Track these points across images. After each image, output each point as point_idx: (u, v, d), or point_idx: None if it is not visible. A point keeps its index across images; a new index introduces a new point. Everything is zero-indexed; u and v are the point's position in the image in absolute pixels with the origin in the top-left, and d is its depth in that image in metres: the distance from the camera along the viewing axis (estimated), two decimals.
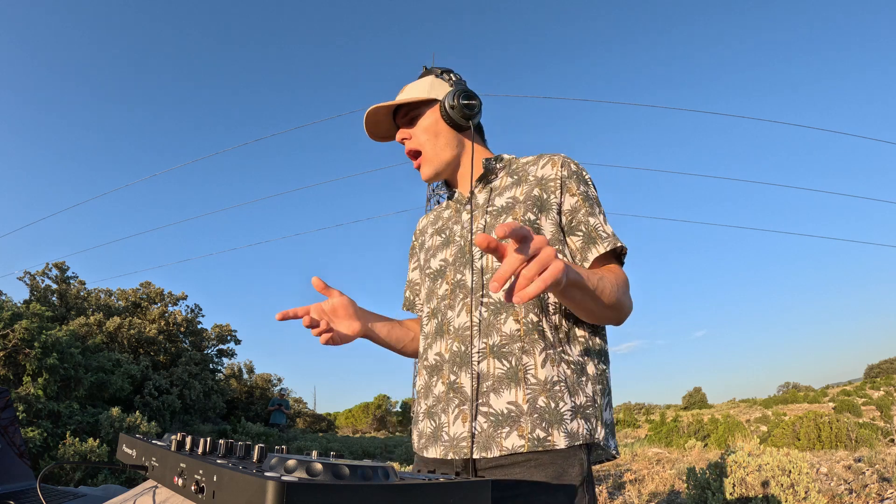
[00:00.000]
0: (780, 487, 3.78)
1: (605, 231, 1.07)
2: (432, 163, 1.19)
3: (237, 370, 18.39)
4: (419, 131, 1.19)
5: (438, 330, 1.12)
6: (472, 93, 1.17)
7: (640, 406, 30.78)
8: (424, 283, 1.23)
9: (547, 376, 0.99)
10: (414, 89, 1.21)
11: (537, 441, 0.96)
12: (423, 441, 1.10)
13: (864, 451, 7.07)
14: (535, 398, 0.98)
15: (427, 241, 1.28)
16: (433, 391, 1.10)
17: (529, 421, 0.97)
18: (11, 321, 7.17)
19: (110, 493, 1.27)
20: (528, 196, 1.10)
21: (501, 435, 0.97)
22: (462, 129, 1.19)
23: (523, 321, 1.03)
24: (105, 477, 5.78)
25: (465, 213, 1.19)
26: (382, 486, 0.54)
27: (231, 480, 0.51)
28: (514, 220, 1.08)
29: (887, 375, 36.02)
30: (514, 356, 1.01)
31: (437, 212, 1.32)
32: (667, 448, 11.27)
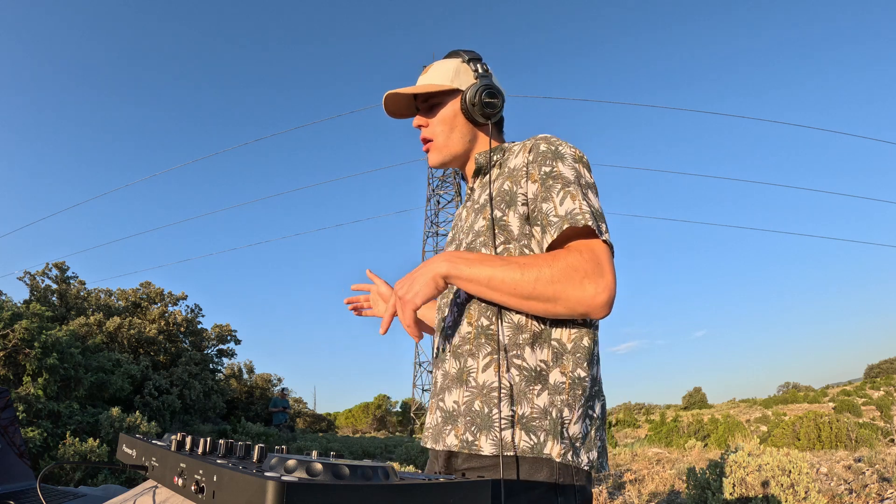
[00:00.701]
0: (780, 487, 3.78)
1: (555, 215, 0.95)
2: (441, 152, 1.17)
3: (237, 370, 18.39)
4: (437, 121, 1.16)
5: (438, 327, 1.17)
6: (497, 89, 1.13)
7: (640, 406, 30.79)
8: None
9: (485, 381, 0.97)
10: (438, 73, 1.16)
11: (465, 444, 0.96)
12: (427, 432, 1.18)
13: (864, 451, 7.07)
14: (471, 401, 0.99)
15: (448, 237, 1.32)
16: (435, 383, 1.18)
17: (463, 423, 0.99)
18: (11, 321, 7.18)
19: (110, 493, 1.27)
20: (499, 191, 1.07)
21: (446, 431, 1.02)
22: (480, 124, 1.16)
23: (475, 324, 1.02)
24: (105, 477, 5.78)
25: (465, 209, 1.21)
26: (382, 486, 0.54)
27: (231, 480, 0.51)
28: (483, 219, 1.07)
29: (887, 375, 36.01)
30: (463, 357, 1.03)
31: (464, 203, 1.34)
32: (667, 448, 11.28)
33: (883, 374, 40.89)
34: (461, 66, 1.16)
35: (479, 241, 1.06)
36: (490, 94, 1.11)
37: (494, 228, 1.04)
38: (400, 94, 1.17)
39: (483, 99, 1.10)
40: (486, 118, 1.13)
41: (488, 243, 1.04)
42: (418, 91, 1.14)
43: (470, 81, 1.15)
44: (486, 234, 1.05)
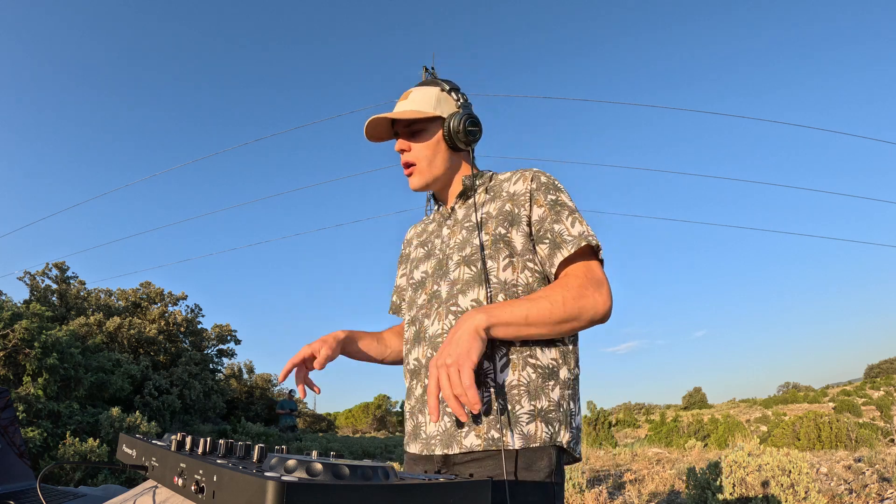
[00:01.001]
0: (780, 487, 3.78)
1: (570, 234, 1.09)
2: (424, 176, 1.23)
3: (237, 370, 18.39)
4: (420, 147, 1.22)
5: (416, 337, 1.19)
6: (477, 118, 1.22)
7: (640, 406, 30.80)
8: (408, 292, 1.29)
9: (505, 380, 1.05)
10: (420, 100, 1.22)
11: (491, 441, 1.01)
12: (407, 437, 1.19)
13: (864, 451, 7.07)
14: (492, 400, 1.04)
15: (413, 252, 1.34)
16: (414, 393, 1.18)
17: (485, 422, 1.03)
18: (11, 321, 7.18)
19: (110, 493, 1.27)
20: (500, 211, 1.16)
21: (462, 434, 1.04)
22: (460, 150, 1.24)
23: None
24: (105, 477, 5.78)
25: (445, 227, 1.25)
26: (382, 486, 0.54)
27: (231, 480, 0.51)
28: (487, 234, 1.15)
29: (887, 375, 36.02)
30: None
31: (424, 223, 1.39)
32: (667, 448, 11.28)
33: (883, 374, 40.90)
34: (442, 95, 1.22)
35: (485, 254, 1.13)
36: (472, 122, 1.20)
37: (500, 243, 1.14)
38: (380, 119, 1.22)
39: (466, 127, 1.19)
40: (467, 145, 1.21)
41: (495, 256, 1.12)
42: (405, 117, 1.20)
43: (451, 110, 1.22)
44: (490, 248, 1.13)
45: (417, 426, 1.15)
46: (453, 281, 1.15)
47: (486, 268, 1.11)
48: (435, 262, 1.22)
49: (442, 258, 1.21)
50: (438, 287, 1.17)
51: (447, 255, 1.19)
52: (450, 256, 1.18)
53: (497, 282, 1.10)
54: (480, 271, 1.12)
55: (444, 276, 1.17)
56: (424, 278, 1.23)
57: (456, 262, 1.16)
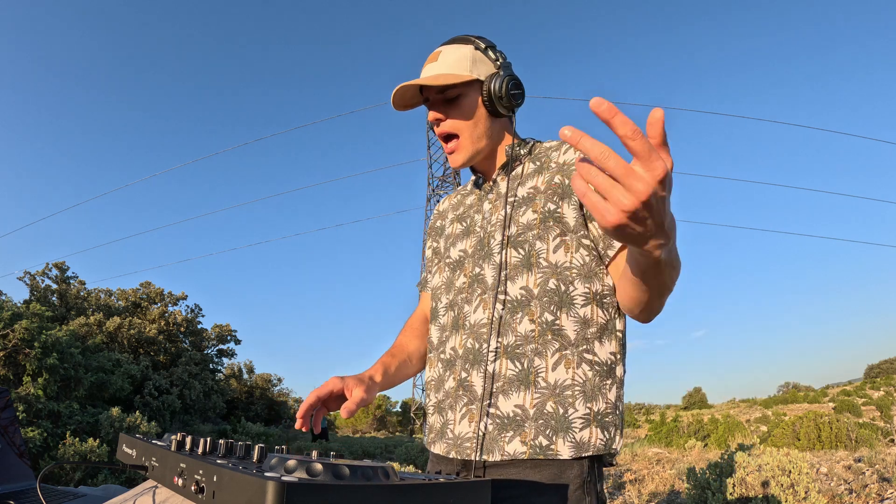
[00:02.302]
0: (780, 487, 3.78)
1: None
2: (468, 151, 1.08)
3: (237, 370, 18.39)
4: (457, 114, 1.06)
5: (455, 324, 1.07)
6: (519, 80, 1.06)
7: (640, 406, 30.80)
8: (443, 272, 1.17)
9: (558, 380, 0.94)
10: (453, 62, 1.06)
11: (539, 449, 0.92)
12: (433, 435, 1.07)
13: (864, 451, 7.07)
14: (542, 403, 0.94)
15: (447, 227, 1.22)
16: (444, 385, 1.06)
17: (534, 427, 0.93)
18: (11, 321, 7.18)
19: (110, 493, 1.27)
20: (549, 185, 1.04)
21: (505, 439, 0.94)
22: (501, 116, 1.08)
23: (538, 321, 0.97)
24: (105, 477, 5.78)
25: (487, 202, 1.12)
26: (382, 486, 0.54)
27: (231, 480, 0.51)
28: (535, 212, 1.03)
29: (887, 375, 36.03)
30: (527, 358, 0.96)
31: (462, 195, 1.25)
32: (667, 448, 11.28)
33: (883, 374, 40.91)
34: (476, 55, 1.07)
35: (532, 234, 1.01)
36: (515, 84, 1.05)
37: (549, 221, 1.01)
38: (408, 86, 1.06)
39: (510, 90, 1.03)
40: (510, 111, 1.06)
41: (544, 236, 1.00)
42: (439, 83, 1.03)
43: (489, 70, 1.06)
44: (539, 227, 1.01)
45: (446, 423, 1.03)
46: (499, 264, 1.03)
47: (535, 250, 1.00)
48: (475, 241, 1.10)
49: (483, 236, 1.09)
50: (481, 270, 1.06)
51: (489, 234, 1.08)
52: (492, 235, 1.07)
53: (547, 265, 0.99)
54: (527, 254, 1.00)
55: (488, 257, 1.06)
56: (463, 258, 1.11)
57: (500, 242, 1.04)
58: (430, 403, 1.09)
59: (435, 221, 1.30)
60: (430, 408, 1.10)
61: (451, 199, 1.28)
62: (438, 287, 1.17)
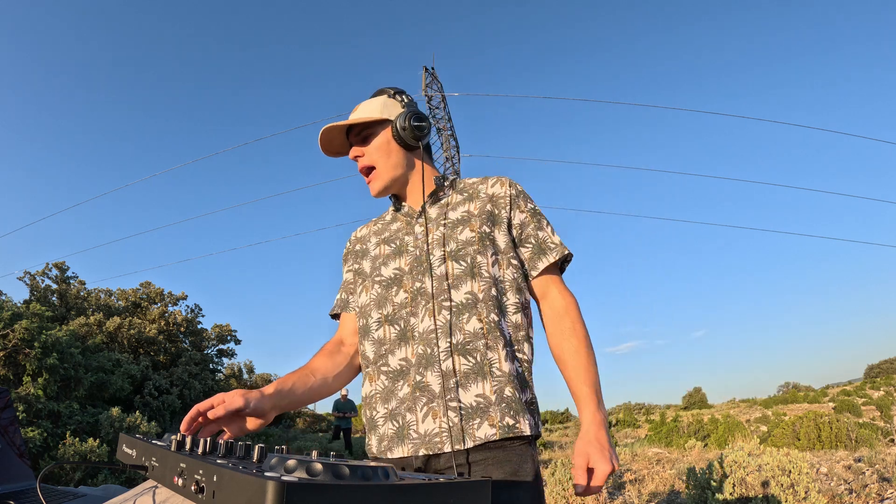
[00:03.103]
0: (780, 487, 3.78)
1: (552, 242, 1.23)
2: (382, 178, 1.25)
3: (237, 370, 18.37)
4: (372, 150, 1.26)
5: (401, 336, 1.15)
6: (423, 115, 1.26)
7: (640, 406, 30.79)
8: (372, 290, 1.25)
9: (509, 370, 1.10)
10: (367, 109, 1.27)
11: (507, 428, 1.04)
12: (386, 443, 1.11)
13: (864, 451, 7.06)
14: (501, 389, 1.07)
15: (372, 250, 1.31)
16: (397, 394, 1.12)
17: (498, 410, 1.05)
18: (11, 321, 7.18)
19: (110, 493, 1.27)
20: (482, 211, 1.22)
21: (473, 426, 1.04)
22: (412, 148, 1.27)
23: (486, 320, 1.11)
24: (105, 477, 5.78)
25: (417, 225, 1.25)
26: (382, 486, 0.54)
27: (231, 480, 0.51)
28: (472, 231, 1.19)
29: (887, 375, 36.03)
30: (479, 352, 1.09)
31: (382, 223, 1.36)
32: (667, 448, 11.27)
33: (883, 374, 40.91)
34: (388, 101, 1.27)
35: (472, 249, 1.17)
36: (417, 118, 1.24)
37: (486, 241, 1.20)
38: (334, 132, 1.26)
39: (412, 123, 1.23)
40: (417, 140, 1.25)
41: (483, 252, 1.17)
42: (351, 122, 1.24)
43: (398, 111, 1.27)
44: (478, 244, 1.18)
45: (404, 426, 1.09)
46: (441, 276, 1.15)
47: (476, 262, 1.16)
48: (411, 259, 1.21)
49: (420, 255, 1.20)
50: (422, 283, 1.16)
51: (426, 252, 1.19)
52: (430, 252, 1.18)
53: (489, 275, 1.15)
54: (470, 266, 1.15)
55: (427, 271, 1.17)
56: (399, 275, 1.21)
57: (440, 257, 1.17)
58: (380, 415, 1.14)
59: (353, 246, 1.40)
60: (378, 420, 1.14)
61: (370, 227, 1.40)
62: (367, 304, 1.25)
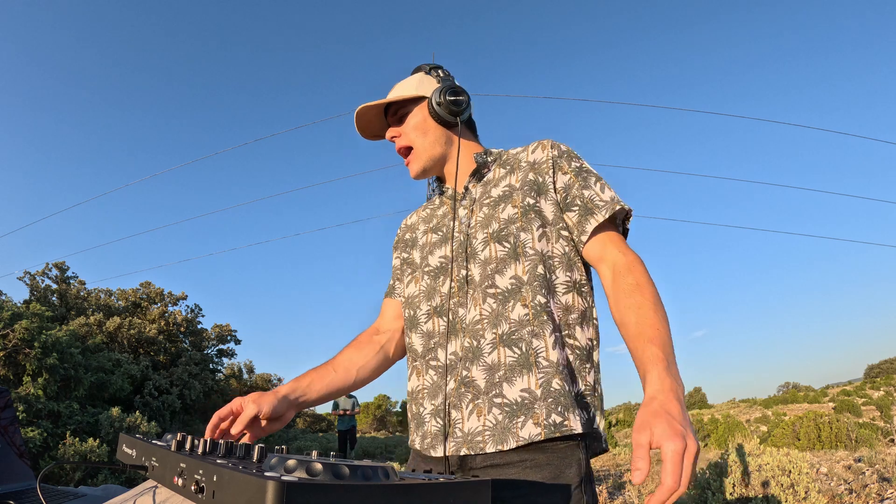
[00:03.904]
0: (780, 487, 3.78)
1: (601, 199, 1.05)
2: (421, 159, 1.19)
3: (237, 370, 18.37)
4: (408, 129, 1.19)
5: (452, 329, 1.08)
6: (460, 88, 1.17)
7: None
8: (422, 280, 1.19)
9: (558, 359, 0.97)
10: (402, 87, 1.21)
11: (554, 427, 0.92)
12: (429, 440, 1.05)
13: (864, 451, 7.06)
14: (548, 381, 0.95)
15: (420, 238, 1.25)
16: (443, 390, 1.06)
17: (544, 406, 0.93)
18: (11, 321, 7.17)
19: (110, 493, 1.27)
20: (524, 182, 1.11)
21: (517, 425, 0.94)
22: (451, 125, 1.19)
23: (531, 304, 1.00)
24: (105, 477, 5.78)
25: (461, 208, 1.18)
26: (382, 486, 0.54)
27: (231, 480, 0.51)
28: (514, 207, 1.09)
29: (887, 375, 36.02)
30: (524, 341, 0.98)
31: (431, 208, 1.29)
32: None
33: (883, 374, 40.92)
34: (423, 77, 1.21)
35: (515, 227, 1.07)
36: (453, 92, 1.16)
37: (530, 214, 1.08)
38: (371, 113, 1.21)
39: (448, 98, 1.15)
40: (454, 115, 1.17)
41: (528, 227, 1.06)
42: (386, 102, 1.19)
43: (433, 87, 1.20)
44: (521, 219, 1.07)
45: (449, 424, 1.02)
46: (485, 261, 1.07)
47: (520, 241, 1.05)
48: (456, 245, 1.13)
49: (464, 240, 1.12)
50: (468, 271, 1.09)
51: (470, 236, 1.12)
52: (474, 236, 1.11)
53: (534, 252, 1.04)
54: (514, 246, 1.05)
55: (473, 257, 1.09)
56: (446, 264, 1.14)
57: (482, 240, 1.09)
58: (427, 411, 1.08)
59: (404, 234, 1.34)
60: (425, 416, 1.08)
61: (419, 213, 1.33)
62: (416, 296, 1.19)
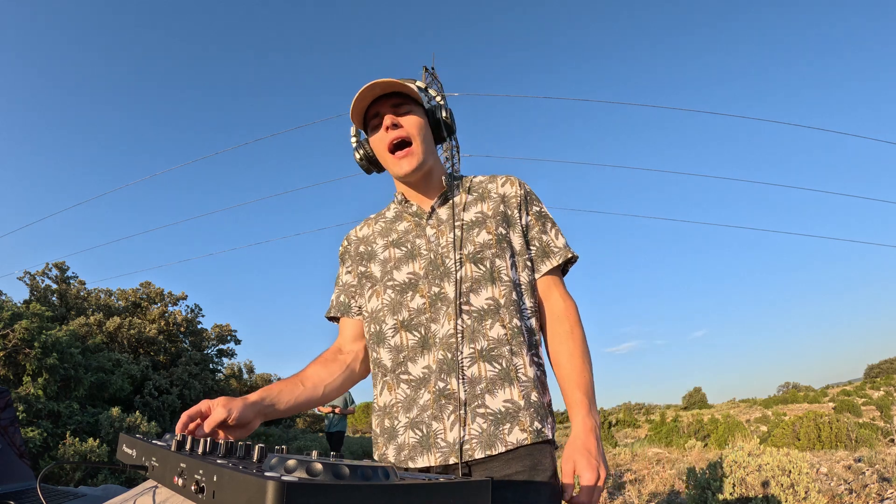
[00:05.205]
0: (780, 487, 3.78)
1: (555, 246, 1.20)
2: (418, 157, 1.16)
3: (237, 370, 18.36)
4: (412, 124, 1.16)
5: (422, 343, 1.10)
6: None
7: (640, 406, 30.79)
8: (384, 294, 1.18)
9: (534, 374, 1.10)
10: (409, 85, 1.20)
11: (537, 433, 1.04)
12: (407, 452, 1.07)
13: (864, 451, 7.06)
14: (528, 394, 1.07)
15: (381, 252, 1.23)
16: (418, 403, 1.07)
17: (528, 415, 1.05)
18: (11, 321, 7.17)
19: (110, 493, 1.27)
20: (496, 212, 1.19)
21: (504, 432, 1.03)
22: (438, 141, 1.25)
23: (509, 326, 1.10)
24: (105, 477, 5.78)
25: (429, 227, 1.18)
26: (382, 486, 0.54)
27: (231, 480, 0.51)
28: (488, 233, 1.16)
29: (887, 375, 36.02)
30: (505, 358, 1.07)
31: (384, 222, 1.27)
32: (667, 448, 11.27)
33: (883, 374, 40.92)
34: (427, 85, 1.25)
35: (491, 252, 1.15)
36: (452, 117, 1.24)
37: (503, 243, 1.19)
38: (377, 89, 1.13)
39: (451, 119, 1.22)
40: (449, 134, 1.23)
41: (502, 255, 1.15)
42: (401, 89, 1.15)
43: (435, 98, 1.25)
44: (496, 246, 1.15)
45: (429, 435, 1.04)
46: (459, 280, 1.11)
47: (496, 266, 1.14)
48: (426, 263, 1.15)
49: (434, 258, 1.15)
50: (441, 288, 1.12)
51: (441, 255, 1.14)
52: (445, 255, 1.14)
53: (508, 280, 1.13)
54: (489, 270, 1.13)
55: (446, 276, 1.12)
56: (414, 280, 1.15)
57: (457, 260, 1.12)
58: (401, 424, 1.09)
59: (357, 247, 1.29)
60: (399, 429, 1.09)
61: (370, 226, 1.29)
62: (379, 310, 1.18)
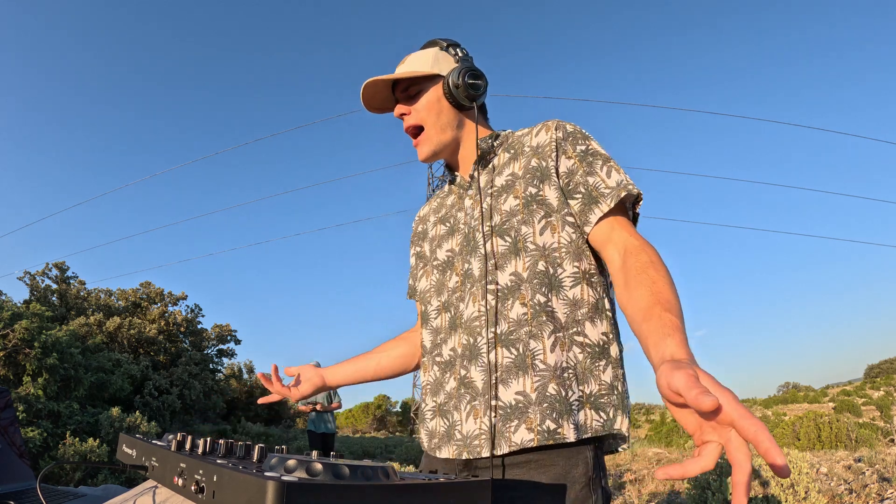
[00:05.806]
0: (780, 487, 3.78)
1: (606, 187, 0.97)
2: (431, 142, 1.12)
3: (237, 370, 18.37)
4: (420, 107, 1.12)
5: (452, 324, 1.05)
6: (479, 71, 1.10)
7: (640, 406, 30.78)
8: (432, 275, 1.16)
9: (556, 362, 0.92)
10: (416, 62, 1.13)
11: (547, 433, 0.88)
12: (436, 441, 1.03)
13: (864, 451, 7.06)
14: (544, 385, 0.90)
15: (430, 230, 1.21)
16: (444, 387, 1.03)
17: (538, 411, 0.89)
18: (11, 321, 7.17)
19: (110, 493, 1.27)
20: (527, 169, 1.05)
21: (510, 429, 0.91)
22: (464, 108, 1.12)
23: (530, 303, 0.95)
24: (105, 477, 5.78)
25: (467, 198, 1.13)
26: (382, 486, 0.54)
27: (231, 480, 0.51)
28: (515, 198, 1.03)
29: (887, 375, 36.03)
30: (522, 342, 0.94)
31: (441, 198, 1.25)
32: (667, 448, 11.26)
33: (883, 374, 40.93)
34: (440, 54, 1.13)
35: (517, 220, 1.01)
36: (473, 75, 1.08)
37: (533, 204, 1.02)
38: (379, 85, 1.12)
39: (466, 80, 1.07)
40: (471, 100, 1.10)
41: (529, 220, 1.01)
42: (399, 77, 1.10)
43: (451, 66, 1.12)
44: (523, 211, 1.02)
45: (452, 426, 0.99)
46: (486, 255, 1.02)
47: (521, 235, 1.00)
48: (461, 238, 1.10)
49: (468, 232, 1.08)
50: (469, 265, 1.05)
51: (473, 228, 1.08)
52: (476, 228, 1.07)
53: (535, 248, 0.98)
54: (515, 240, 1.00)
55: (474, 251, 1.05)
56: (451, 257, 1.11)
57: (485, 233, 1.04)
58: (428, 408, 1.07)
59: (417, 227, 1.30)
60: (427, 412, 1.07)
61: (431, 204, 1.28)
62: (427, 290, 1.16)
